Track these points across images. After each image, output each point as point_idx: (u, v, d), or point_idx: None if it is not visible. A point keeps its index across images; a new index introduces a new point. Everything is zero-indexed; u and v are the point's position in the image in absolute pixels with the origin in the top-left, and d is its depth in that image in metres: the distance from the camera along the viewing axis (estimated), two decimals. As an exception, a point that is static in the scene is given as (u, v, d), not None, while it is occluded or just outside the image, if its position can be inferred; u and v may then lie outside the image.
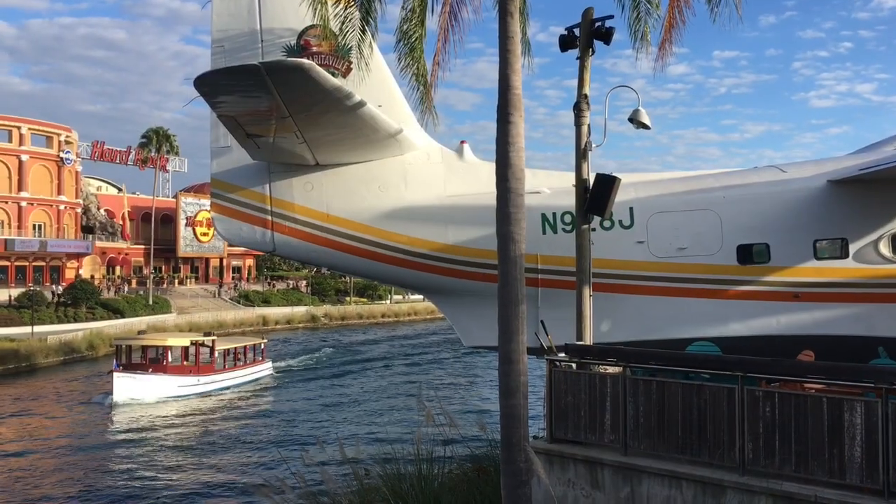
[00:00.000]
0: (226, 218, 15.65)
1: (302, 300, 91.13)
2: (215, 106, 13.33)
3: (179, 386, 39.11)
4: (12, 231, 79.08)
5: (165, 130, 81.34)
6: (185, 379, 39.68)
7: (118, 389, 36.44)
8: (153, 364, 39.53)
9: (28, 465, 26.47)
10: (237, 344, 45.51)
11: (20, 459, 27.22)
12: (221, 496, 22.24)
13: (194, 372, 40.37)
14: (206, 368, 41.09)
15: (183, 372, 40.06)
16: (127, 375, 37.32)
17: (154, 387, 37.89)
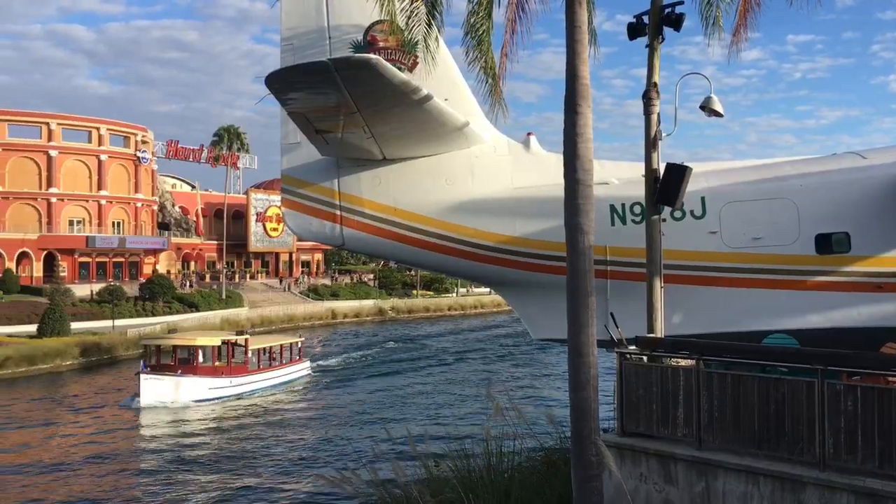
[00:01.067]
0: (296, 213, 15.91)
1: (370, 294, 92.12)
2: (285, 103, 13.56)
3: (210, 388, 36.97)
4: (93, 228, 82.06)
5: (236, 128, 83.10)
6: (217, 380, 37.55)
7: (145, 392, 34.62)
8: (183, 365, 37.57)
9: (37, 472, 24.74)
10: (272, 343, 43.47)
11: (33, 467, 25.53)
12: (291, 488, 22.59)
13: (226, 373, 38.26)
14: (238, 369, 39.07)
15: (214, 373, 37.89)
16: (155, 377, 35.45)
17: (183, 389, 35.93)
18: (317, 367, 47.34)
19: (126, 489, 23.15)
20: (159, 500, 21.86)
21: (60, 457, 26.84)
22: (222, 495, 21.89)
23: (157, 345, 39.16)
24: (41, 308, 53.74)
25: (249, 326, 68.40)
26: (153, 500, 21.99)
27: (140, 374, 35.20)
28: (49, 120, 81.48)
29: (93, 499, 22.26)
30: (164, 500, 21.84)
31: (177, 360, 37.73)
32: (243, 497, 21.83)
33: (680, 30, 12.53)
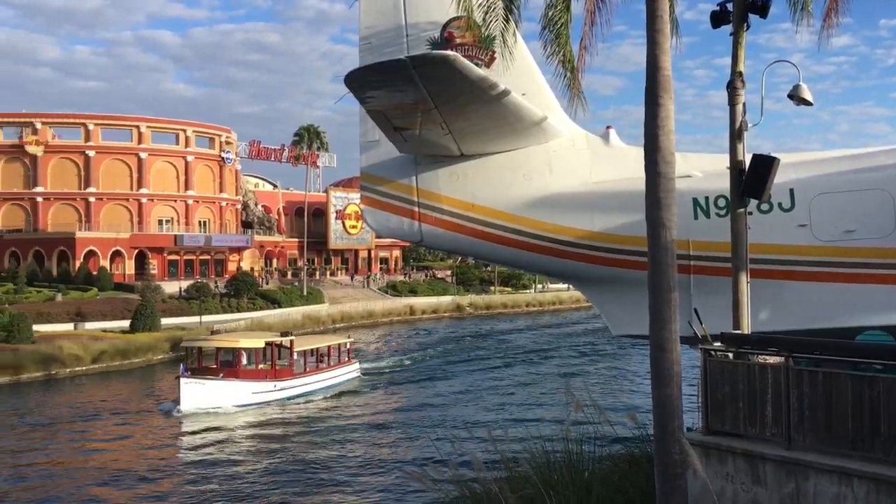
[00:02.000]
0: (375, 210, 16.08)
1: (447, 290, 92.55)
2: (364, 101, 13.71)
3: (254, 392, 35.05)
4: (181, 227, 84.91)
5: (316, 128, 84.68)
6: (261, 384, 35.56)
7: (185, 397, 32.61)
8: (225, 368, 35.45)
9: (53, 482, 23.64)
10: (319, 344, 41.52)
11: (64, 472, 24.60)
12: (370, 483, 22.85)
13: (270, 376, 36.21)
14: (283, 372, 37.12)
15: (258, 376, 35.89)
16: (195, 381, 33.41)
17: (225, 394, 33.89)
18: (390, 364, 47.57)
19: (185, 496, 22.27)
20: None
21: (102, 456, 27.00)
22: (299, 492, 22.20)
23: (198, 347, 37.27)
24: (133, 304, 55.93)
25: (330, 322, 69.87)
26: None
27: (180, 378, 33.15)
28: (139, 123, 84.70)
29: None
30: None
31: (219, 362, 35.94)
32: (321, 491, 22.17)
33: (766, 16, 12.12)
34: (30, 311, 50.67)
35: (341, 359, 41.50)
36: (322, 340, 42.84)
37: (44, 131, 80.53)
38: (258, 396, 35.03)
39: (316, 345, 40.88)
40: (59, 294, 62.24)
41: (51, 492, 22.81)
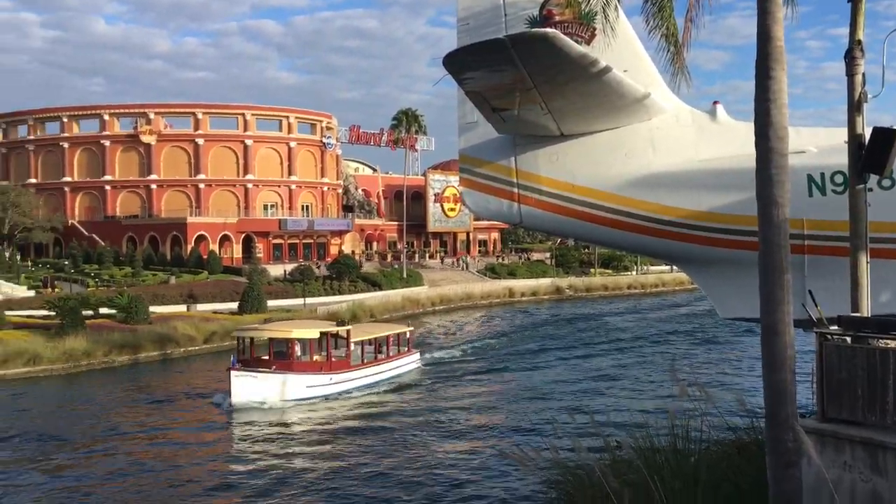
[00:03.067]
0: (474, 192, 16.06)
1: (547, 272, 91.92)
2: (462, 82, 13.66)
3: (308, 386, 32.66)
4: (284, 212, 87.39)
5: (414, 111, 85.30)
6: (315, 377, 33.14)
7: (236, 390, 30.62)
8: (278, 359, 33.15)
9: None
10: (378, 334, 38.71)
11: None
12: (467, 463, 22.92)
13: (325, 368, 33.69)
14: (339, 364, 34.47)
15: (312, 369, 33.49)
16: (246, 374, 31.29)
17: (278, 387, 31.76)
18: (486, 346, 47.45)
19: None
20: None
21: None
22: (393, 475, 22.26)
23: (249, 337, 34.53)
24: (241, 287, 57.90)
25: (429, 305, 70.52)
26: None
27: (231, 371, 31.09)
28: (245, 111, 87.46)
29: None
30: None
31: (272, 353, 33.49)
32: (418, 469, 22.33)
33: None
34: (146, 294, 53.19)
35: (401, 349, 38.99)
36: (381, 329, 40.18)
37: (156, 121, 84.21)
38: (313, 390, 32.64)
39: (374, 334, 38.30)
40: (172, 277, 65.17)
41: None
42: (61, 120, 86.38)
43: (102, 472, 22.93)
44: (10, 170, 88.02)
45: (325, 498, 20.11)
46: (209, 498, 20.56)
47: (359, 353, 35.97)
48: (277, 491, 20.78)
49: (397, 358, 38.06)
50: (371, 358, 36.62)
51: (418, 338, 53.06)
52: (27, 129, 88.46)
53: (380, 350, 37.59)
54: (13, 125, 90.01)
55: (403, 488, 20.34)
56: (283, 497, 20.35)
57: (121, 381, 38.27)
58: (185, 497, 20.60)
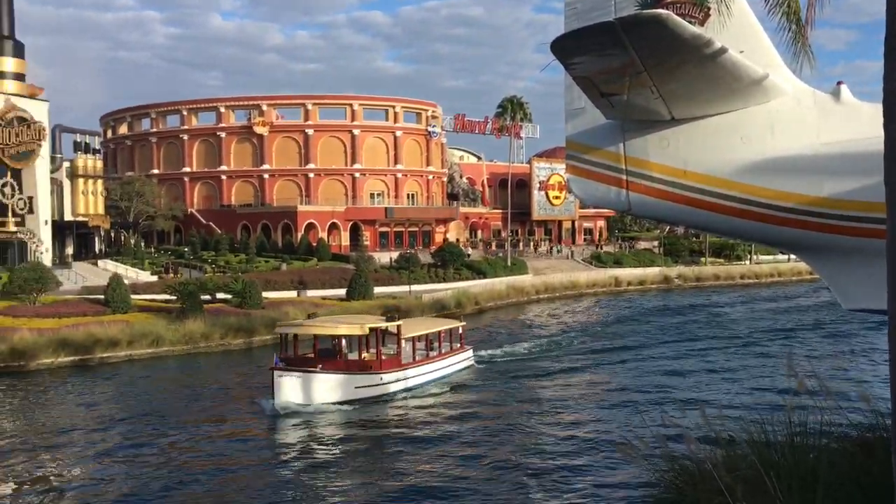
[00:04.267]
0: (581, 179, 15.76)
1: (654, 261, 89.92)
2: (570, 67, 13.41)
3: (357, 386, 30.10)
4: (390, 200, 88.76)
5: (519, 99, 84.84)
6: (364, 377, 30.60)
7: (280, 392, 28.04)
8: (323, 358, 30.76)
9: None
10: (429, 329, 35.72)
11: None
12: (569, 455, 22.70)
13: (375, 367, 31.05)
14: (390, 362, 31.78)
15: (362, 367, 31.04)
16: (291, 374, 28.71)
17: (324, 387, 29.30)
18: (588, 336, 46.85)
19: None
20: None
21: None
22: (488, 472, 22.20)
23: (293, 333, 31.89)
24: (348, 274, 59.23)
25: (534, 293, 70.23)
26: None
27: (273, 371, 28.36)
28: (352, 101, 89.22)
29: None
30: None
31: (317, 351, 31.15)
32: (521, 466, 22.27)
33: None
34: (259, 279, 55.13)
35: (453, 345, 36.51)
36: (432, 325, 37.08)
37: (269, 113, 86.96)
38: (362, 391, 30.12)
39: (426, 330, 35.37)
40: (283, 264, 67.31)
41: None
42: (181, 113, 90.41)
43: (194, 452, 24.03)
44: (135, 161, 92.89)
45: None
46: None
47: (409, 350, 33.22)
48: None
49: (450, 355, 35.69)
50: (423, 355, 34.01)
51: (520, 325, 53.03)
52: (150, 122, 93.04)
53: (431, 347, 34.88)
54: (137, 119, 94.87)
55: (498, 485, 19.92)
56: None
57: (236, 363, 39.91)
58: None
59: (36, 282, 44.11)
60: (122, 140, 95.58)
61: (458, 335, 37.41)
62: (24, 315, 41.89)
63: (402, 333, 32.50)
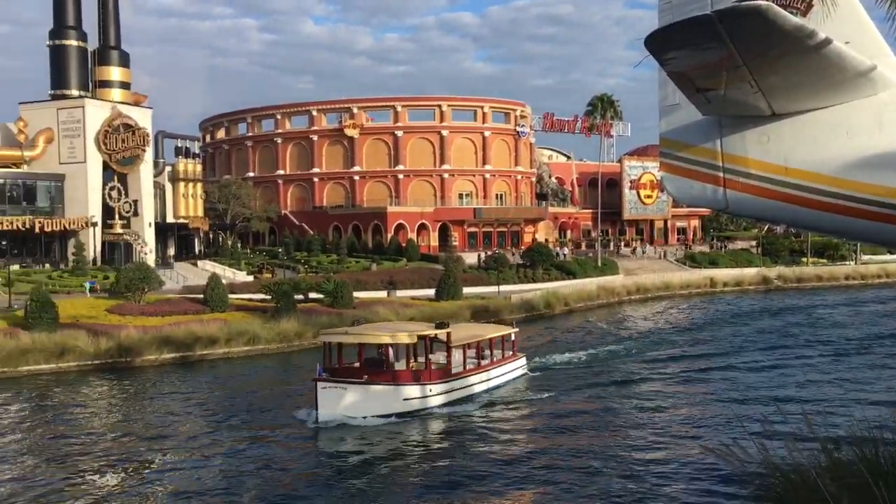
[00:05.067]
0: (675, 177, 15.40)
1: (752, 262, 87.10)
2: (665, 63, 13.12)
3: (405, 399, 28.17)
4: (479, 201, 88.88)
5: (609, 97, 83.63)
6: (413, 388, 28.56)
7: (324, 405, 26.54)
8: (370, 368, 28.87)
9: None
10: (480, 336, 33.61)
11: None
12: (667, 460, 22.19)
13: (424, 377, 28.98)
14: (439, 372, 29.75)
15: (409, 378, 28.97)
16: (335, 385, 27.07)
17: (371, 400, 27.49)
18: (686, 338, 45.64)
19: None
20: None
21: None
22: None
23: (338, 342, 29.73)
24: (437, 274, 59.58)
25: (625, 294, 69.11)
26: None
27: (317, 382, 26.87)
28: (441, 102, 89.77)
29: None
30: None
31: (362, 361, 29.55)
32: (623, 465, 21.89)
33: None
34: (350, 279, 56.09)
35: (504, 353, 34.49)
36: (482, 331, 35.14)
37: (359, 115, 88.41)
38: (411, 403, 28.27)
39: (477, 337, 33.29)
40: (373, 264, 68.30)
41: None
42: (275, 117, 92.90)
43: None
44: (232, 164, 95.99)
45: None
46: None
47: (459, 358, 31.18)
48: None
49: (502, 363, 33.71)
50: (473, 364, 31.99)
51: (611, 324, 52.23)
52: (246, 126, 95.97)
53: (482, 355, 32.91)
54: (234, 123, 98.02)
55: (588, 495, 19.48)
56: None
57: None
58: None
59: (141, 281, 46.06)
60: (220, 144, 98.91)
61: (511, 342, 35.38)
62: (130, 313, 43.84)
63: (452, 341, 30.50)
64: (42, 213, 63.07)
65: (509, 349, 35.00)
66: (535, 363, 37.05)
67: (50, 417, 28.96)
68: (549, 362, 38.00)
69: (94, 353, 38.39)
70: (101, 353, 38.50)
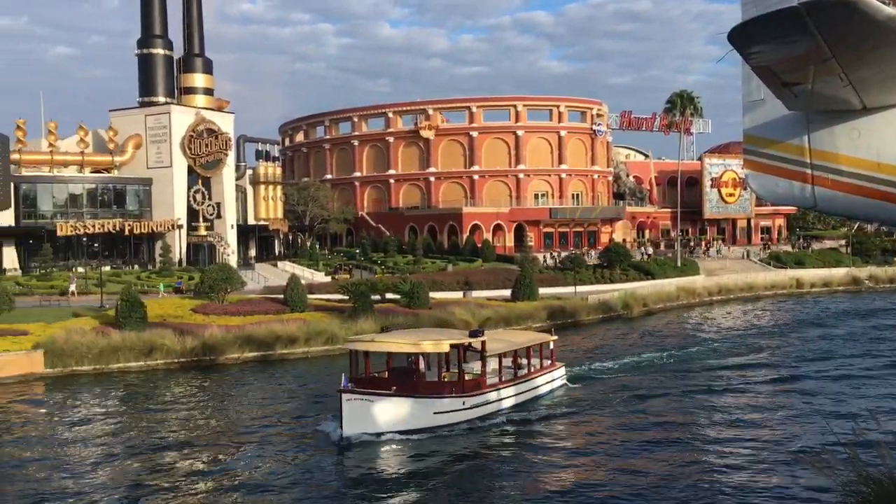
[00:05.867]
0: (761, 175, 14.94)
1: (841, 261, 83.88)
2: (749, 57, 12.74)
3: (437, 412, 26.15)
4: (554, 201, 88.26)
5: (689, 93, 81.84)
6: (446, 401, 26.53)
7: (349, 419, 24.64)
8: (399, 378, 26.83)
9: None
10: (517, 344, 31.43)
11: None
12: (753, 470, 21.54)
13: (457, 389, 26.94)
14: (473, 383, 27.75)
15: (441, 390, 27.04)
16: (361, 398, 25.03)
17: (400, 413, 25.48)
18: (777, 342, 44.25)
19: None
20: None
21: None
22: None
23: (364, 350, 27.63)
24: (513, 274, 59.33)
25: (706, 295, 67.52)
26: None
27: (341, 394, 24.89)
28: (516, 102, 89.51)
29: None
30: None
31: (390, 371, 27.40)
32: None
33: None
34: (426, 280, 56.35)
35: (543, 363, 32.18)
36: (519, 338, 32.97)
37: (434, 117, 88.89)
38: (443, 417, 26.24)
39: (514, 346, 31.13)
40: (449, 265, 68.51)
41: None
42: (352, 120, 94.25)
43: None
44: (310, 167, 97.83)
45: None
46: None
47: (495, 368, 29.28)
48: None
49: (541, 373, 31.57)
50: (510, 376, 29.89)
51: (690, 327, 51.08)
52: (324, 129, 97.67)
53: (520, 364, 30.79)
54: (312, 126, 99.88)
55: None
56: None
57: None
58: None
59: (224, 282, 47.31)
60: (299, 147, 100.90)
61: (550, 350, 33.04)
62: (214, 313, 45.08)
63: (487, 350, 28.57)
64: (131, 216, 65.56)
65: (548, 358, 32.67)
66: (587, 369, 35.95)
67: (138, 412, 30.05)
68: (606, 367, 36.91)
69: (180, 351, 39.68)
70: (186, 352, 39.76)
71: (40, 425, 28.27)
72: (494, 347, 29.17)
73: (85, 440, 25.99)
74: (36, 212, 62.63)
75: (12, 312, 41.36)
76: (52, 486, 21.03)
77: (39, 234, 59.88)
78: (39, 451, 24.59)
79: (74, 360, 37.81)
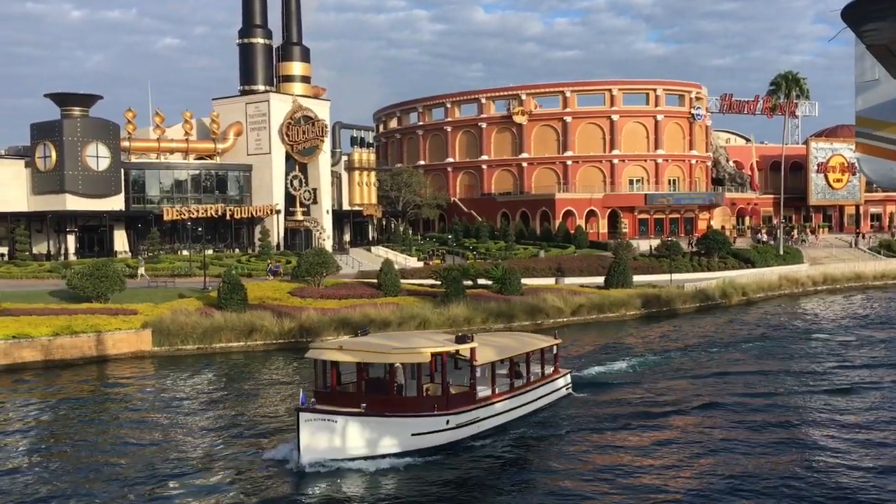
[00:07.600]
0: (874, 158, 14.24)
1: (960, 251, 79.24)
2: (864, 35, 12.10)
3: (414, 433, 22.09)
4: (650, 186, 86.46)
5: (795, 74, 78.52)
6: (426, 420, 22.45)
7: (307, 444, 20.61)
8: (371, 394, 22.62)
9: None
10: (513, 350, 26.71)
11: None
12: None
13: (440, 406, 22.74)
14: (460, 399, 23.52)
15: (421, 407, 22.82)
16: (323, 418, 21.02)
17: (371, 436, 21.47)
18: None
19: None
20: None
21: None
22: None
23: (331, 360, 23.15)
24: (607, 261, 58.53)
25: (810, 284, 65.01)
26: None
27: (300, 413, 20.79)
28: (611, 86, 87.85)
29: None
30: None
31: (361, 383, 22.86)
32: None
33: None
34: (518, 266, 56.20)
35: (545, 370, 27.98)
36: (518, 344, 27.83)
37: (527, 102, 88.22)
38: (423, 439, 22.23)
39: (509, 352, 26.32)
40: (541, 251, 68.07)
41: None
42: (445, 106, 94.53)
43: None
44: (403, 153, 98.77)
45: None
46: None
47: (487, 379, 25.05)
48: None
49: (541, 383, 27.29)
50: (505, 387, 25.58)
51: (792, 316, 49.19)
52: (417, 115, 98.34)
53: (517, 373, 26.48)
54: (406, 113, 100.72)
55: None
56: None
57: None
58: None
59: (320, 266, 48.40)
60: (392, 134, 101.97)
61: (553, 356, 28.75)
62: (311, 296, 46.23)
63: (478, 358, 24.16)
64: (232, 201, 67.73)
65: (550, 364, 28.54)
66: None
67: (239, 390, 31.16)
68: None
69: (278, 332, 40.95)
70: (284, 333, 40.99)
71: (159, 399, 30.06)
72: (486, 355, 24.71)
73: (196, 413, 27.27)
74: (144, 197, 65.39)
75: (123, 293, 43.49)
76: (173, 456, 22.04)
77: (147, 219, 62.59)
78: (161, 422, 25.86)
79: (180, 339, 39.56)
